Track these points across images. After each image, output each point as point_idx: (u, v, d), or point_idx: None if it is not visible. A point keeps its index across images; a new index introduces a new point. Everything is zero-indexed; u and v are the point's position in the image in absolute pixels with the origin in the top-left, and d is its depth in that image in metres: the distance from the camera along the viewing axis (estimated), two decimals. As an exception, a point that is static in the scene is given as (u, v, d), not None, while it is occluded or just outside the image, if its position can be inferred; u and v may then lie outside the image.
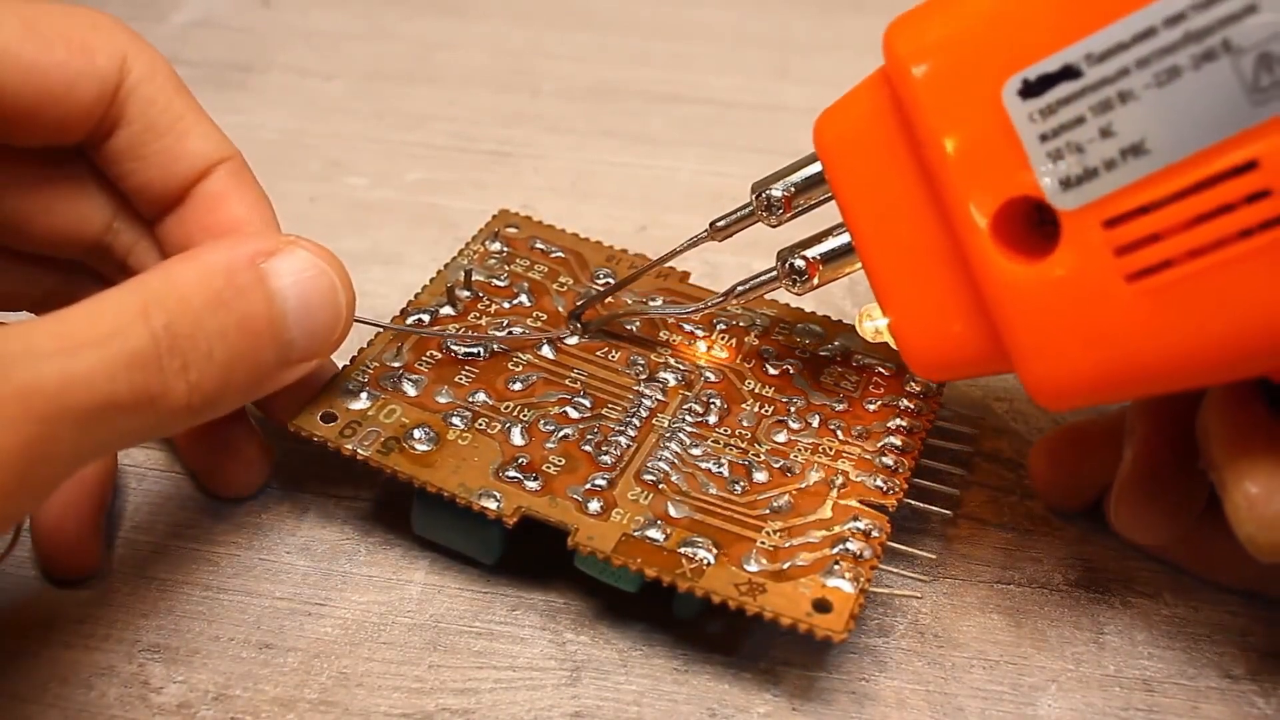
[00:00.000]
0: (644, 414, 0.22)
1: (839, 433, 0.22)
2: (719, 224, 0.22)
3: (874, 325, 0.21)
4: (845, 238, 0.20)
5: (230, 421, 0.22)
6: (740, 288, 0.22)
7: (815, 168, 0.20)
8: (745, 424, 0.22)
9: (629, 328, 0.24)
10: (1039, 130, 0.16)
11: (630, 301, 0.24)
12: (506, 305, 0.24)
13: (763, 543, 0.19)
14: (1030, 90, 0.16)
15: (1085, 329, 0.16)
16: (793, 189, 0.20)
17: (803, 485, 0.21)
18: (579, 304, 0.23)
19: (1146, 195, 0.16)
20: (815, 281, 0.21)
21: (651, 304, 0.24)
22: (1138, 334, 0.16)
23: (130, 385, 0.16)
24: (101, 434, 0.16)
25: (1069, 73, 0.16)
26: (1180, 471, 0.20)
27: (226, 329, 0.17)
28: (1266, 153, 0.15)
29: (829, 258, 0.20)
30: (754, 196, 0.21)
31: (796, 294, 0.21)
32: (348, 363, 0.22)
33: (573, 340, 0.23)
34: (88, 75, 0.19)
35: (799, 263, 0.20)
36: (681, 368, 0.23)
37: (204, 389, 0.17)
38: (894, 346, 0.20)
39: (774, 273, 0.21)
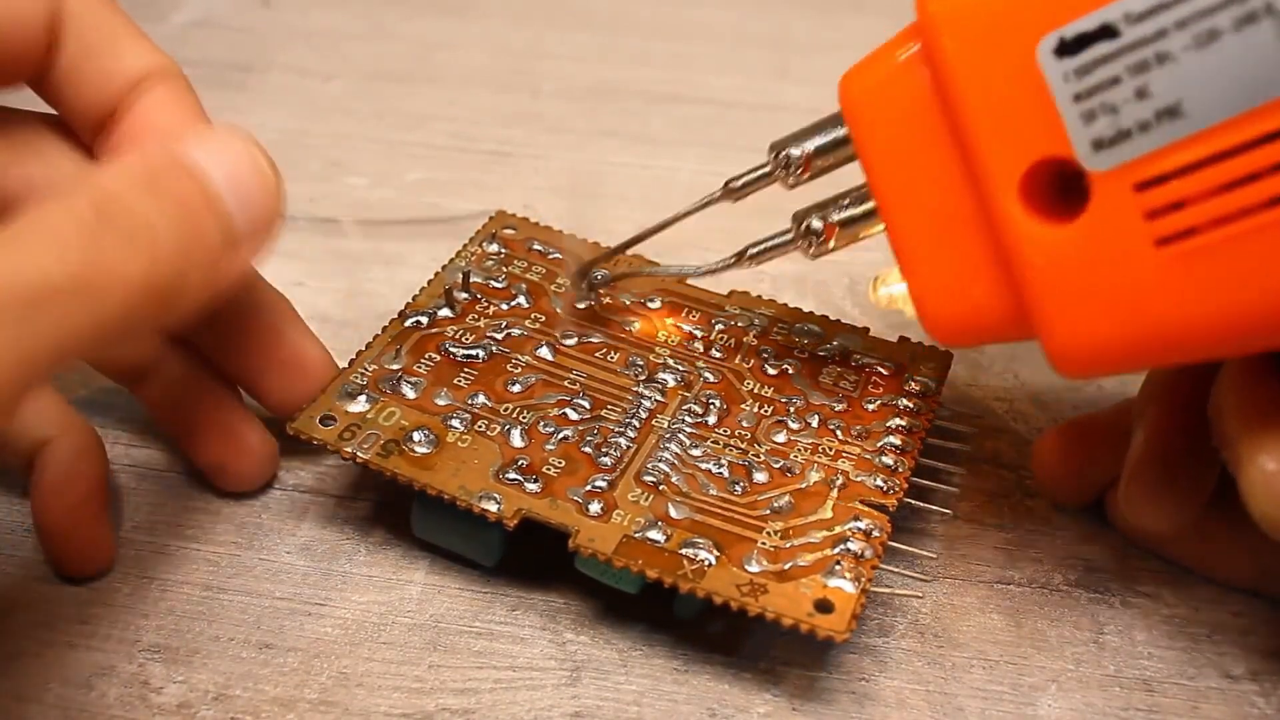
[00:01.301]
0: (643, 415, 0.22)
1: (838, 433, 0.22)
2: (734, 184, 0.21)
3: (888, 291, 0.20)
4: (865, 200, 0.20)
5: (234, 414, 0.22)
6: (753, 249, 0.21)
7: (837, 129, 0.20)
8: (745, 424, 0.22)
9: (625, 301, 0.23)
10: (1073, 90, 0.16)
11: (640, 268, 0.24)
12: (504, 307, 0.24)
13: (763, 543, 0.19)
14: (1066, 49, 0.16)
15: (1111, 294, 0.16)
16: (812, 149, 0.20)
17: (803, 485, 0.21)
18: (586, 265, 0.23)
19: (1180, 159, 0.15)
20: (831, 245, 0.20)
21: (657, 267, 0.24)
22: (1165, 300, 0.16)
23: (64, 268, 0.15)
24: (49, 329, 0.15)
25: (1107, 32, 0.16)
26: (1190, 455, 0.20)
27: (165, 208, 0.16)
28: None
29: (847, 221, 0.20)
30: (772, 155, 0.20)
31: (811, 256, 0.20)
32: (346, 365, 0.22)
33: (582, 305, 0.23)
34: (30, 8, 0.19)
35: (816, 224, 0.20)
36: (680, 368, 0.23)
37: (159, 267, 0.16)
38: (908, 313, 0.19)
39: (789, 234, 0.21)
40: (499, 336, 0.23)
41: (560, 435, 0.21)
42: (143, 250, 0.16)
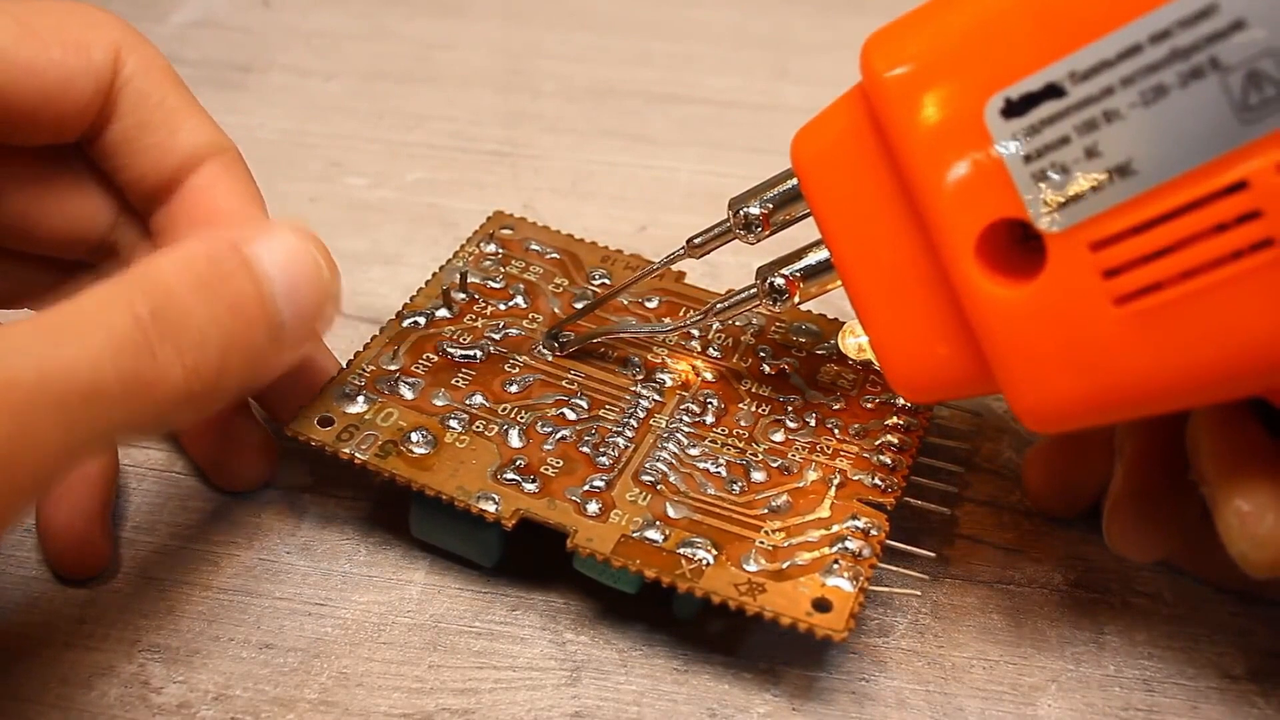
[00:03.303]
0: (641, 415, 0.22)
1: (836, 431, 0.22)
2: (695, 241, 0.21)
3: (856, 342, 0.20)
4: (825, 254, 0.19)
5: (234, 414, 0.22)
6: (720, 305, 0.21)
7: (792, 184, 0.19)
8: (743, 424, 0.22)
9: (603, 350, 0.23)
10: (1023, 151, 0.16)
11: (610, 320, 0.24)
12: (502, 307, 0.24)
13: (761, 542, 0.19)
14: (1013, 109, 0.16)
15: (1073, 352, 0.16)
16: (770, 206, 0.20)
17: (801, 484, 0.21)
18: (555, 325, 0.23)
19: (1135, 217, 0.15)
20: (796, 300, 0.20)
21: (627, 324, 0.24)
22: (1127, 357, 0.16)
23: (117, 371, 0.15)
24: (92, 425, 0.15)
25: (1053, 91, 0.15)
26: (1171, 488, 0.20)
27: (217, 313, 0.17)
28: (1257, 172, 0.14)
29: (809, 274, 0.20)
30: (731, 214, 0.20)
31: (777, 312, 0.20)
32: (344, 366, 0.22)
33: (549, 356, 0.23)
34: (83, 72, 0.19)
35: (779, 281, 0.20)
36: (678, 368, 0.23)
37: (201, 373, 0.16)
38: (877, 364, 0.19)
39: (754, 290, 0.20)
40: (497, 337, 0.23)
41: (558, 435, 0.21)
42: (189, 355, 0.16)
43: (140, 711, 0.19)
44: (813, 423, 0.22)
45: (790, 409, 0.22)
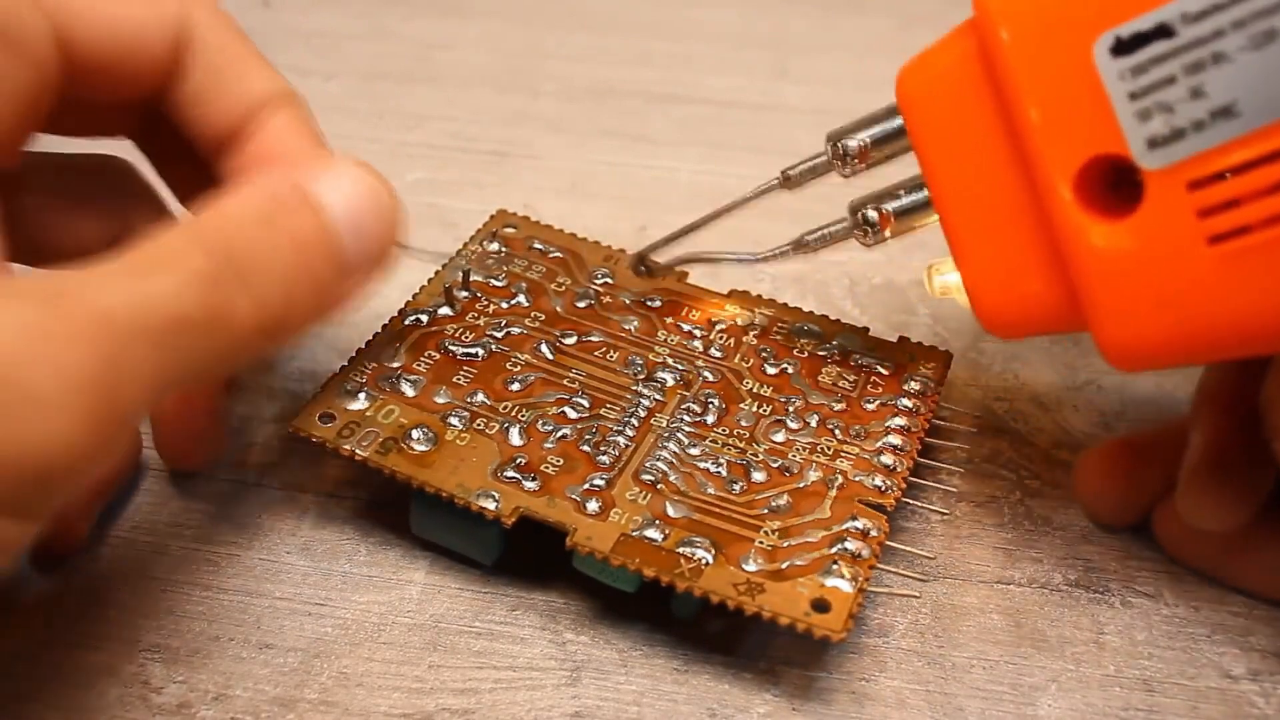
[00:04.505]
0: (642, 414, 0.22)
1: (837, 432, 0.22)
2: (790, 172, 0.21)
3: (942, 280, 0.21)
4: (920, 191, 0.20)
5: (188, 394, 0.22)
6: (809, 238, 0.21)
7: (894, 121, 0.20)
8: (743, 424, 0.22)
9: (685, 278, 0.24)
10: (1128, 89, 0.16)
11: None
12: (505, 305, 0.24)
13: (761, 542, 0.19)
14: (1122, 48, 0.16)
15: (1164, 290, 0.16)
16: (869, 140, 0.20)
17: (801, 485, 0.21)
18: (645, 248, 0.23)
19: (1234, 158, 0.16)
20: (887, 234, 0.21)
21: (712, 252, 0.24)
22: (1216, 297, 0.16)
23: (198, 303, 0.16)
24: (178, 355, 0.16)
25: (1163, 31, 0.16)
26: (1247, 454, 0.20)
27: (279, 245, 0.17)
28: None
29: (903, 211, 0.20)
30: (829, 146, 0.21)
31: (867, 245, 0.21)
32: (345, 363, 0.22)
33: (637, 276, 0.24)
34: (157, 24, 0.19)
35: (872, 214, 0.20)
36: (679, 367, 0.23)
37: (268, 306, 0.17)
38: (961, 303, 0.20)
39: (845, 224, 0.21)
40: (498, 335, 0.23)
41: (559, 434, 0.21)
42: (256, 289, 0.17)
43: (140, 711, 0.19)
44: (814, 423, 0.22)
45: (791, 409, 0.22)
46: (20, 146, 0.19)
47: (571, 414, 0.22)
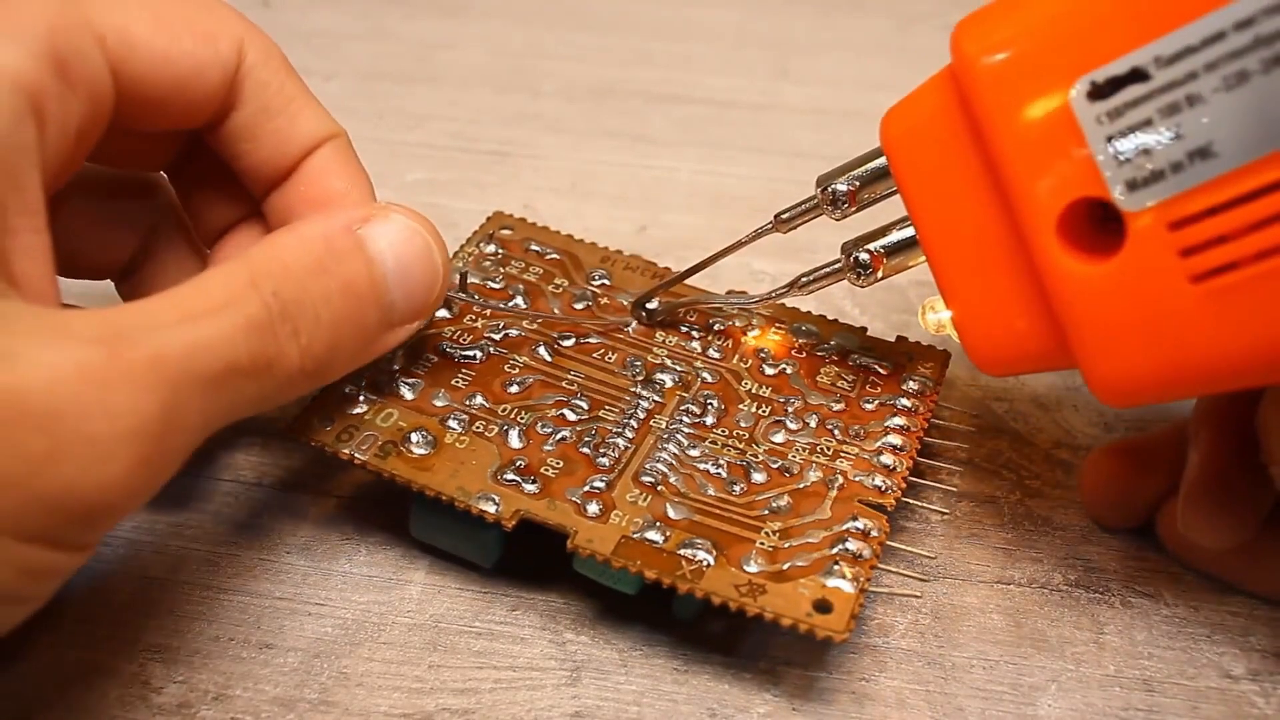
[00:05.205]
0: (641, 415, 0.22)
1: (837, 432, 0.22)
2: (783, 215, 0.22)
3: (936, 318, 0.21)
4: (910, 231, 0.20)
5: None
6: (804, 279, 0.22)
7: (881, 162, 0.20)
8: (743, 424, 0.22)
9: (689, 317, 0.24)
10: (1106, 132, 0.16)
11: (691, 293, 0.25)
12: (502, 307, 0.24)
13: (762, 543, 0.19)
14: (1099, 92, 0.16)
15: (1149, 328, 0.17)
16: (857, 183, 0.21)
17: (801, 485, 0.21)
18: (644, 293, 0.24)
19: (1213, 198, 0.16)
20: (879, 275, 0.21)
21: (712, 296, 0.24)
22: (1202, 334, 0.16)
23: (249, 350, 0.16)
24: (225, 400, 0.16)
25: (1138, 75, 0.16)
26: (1246, 474, 0.20)
27: (330, 294, 0.17)
28: None
29: (893, 251, 0.21)
30: (819, 190, 0.21)
31: (860, 286, 0.21)
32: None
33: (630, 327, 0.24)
34: (212, 62, 0.20)
35: (863, 256, 0.21)
36: (678, 369, 0.23)
37: (314, 352, 0.17)
38: (955, 339, 0.20)
39: (838, 265, 0.21)
40: (496, 337, 0.23)
41: (558, 436, 0.21)
42: (304, 335, 0.17)
43: (140, 711, 0.19)
44: (813, 424, 0.22)
45: (791, 410, 0.22)
46: (70, 175, 0.19)
47: (571, 416, 0.22)
